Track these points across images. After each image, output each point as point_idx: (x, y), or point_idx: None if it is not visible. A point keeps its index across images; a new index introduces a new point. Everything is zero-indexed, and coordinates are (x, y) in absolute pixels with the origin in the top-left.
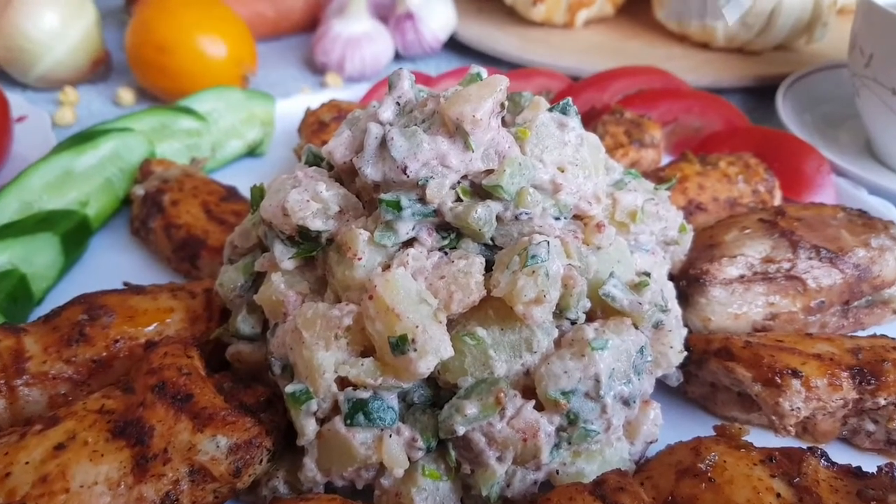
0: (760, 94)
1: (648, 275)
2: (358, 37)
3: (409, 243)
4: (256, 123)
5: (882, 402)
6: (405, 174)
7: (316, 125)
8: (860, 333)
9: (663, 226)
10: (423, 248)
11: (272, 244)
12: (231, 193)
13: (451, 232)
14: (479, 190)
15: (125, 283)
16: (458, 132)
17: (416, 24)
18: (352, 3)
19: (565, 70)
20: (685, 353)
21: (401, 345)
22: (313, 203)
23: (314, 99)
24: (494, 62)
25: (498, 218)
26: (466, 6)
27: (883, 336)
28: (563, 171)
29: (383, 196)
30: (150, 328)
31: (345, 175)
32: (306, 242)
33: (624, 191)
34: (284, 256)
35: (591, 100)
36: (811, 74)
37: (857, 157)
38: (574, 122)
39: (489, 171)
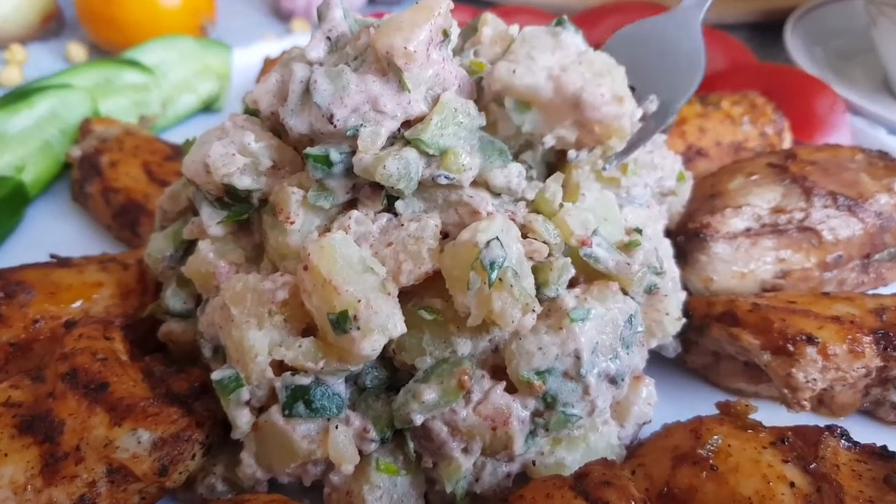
0: (767, 30)
1: (640, 232)
2: None
3: (353, 204)
4: (211, 76)
5: None
6: (331, 123)
7: None
8: (882, 290)
9: (659, 175)
10: (369, 209)
11: (200, 207)
12: (178, 152)
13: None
14: None
15: (52, 256)
16: (391, 69)
17: None
18: None
19: (553, 7)
20: (683, 320)
21: (342, 322)
22: (240, 157)
23: (275, 46)
24: (476, 2)
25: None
26: None
27: None
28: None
29: (309, 150)
30: (75, 305)
31: (279, 125)
32: (237, 204)
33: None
34: (212, 221)
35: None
36: (822, 6)
37: (874, 94)
38: (573, 37)
39: None
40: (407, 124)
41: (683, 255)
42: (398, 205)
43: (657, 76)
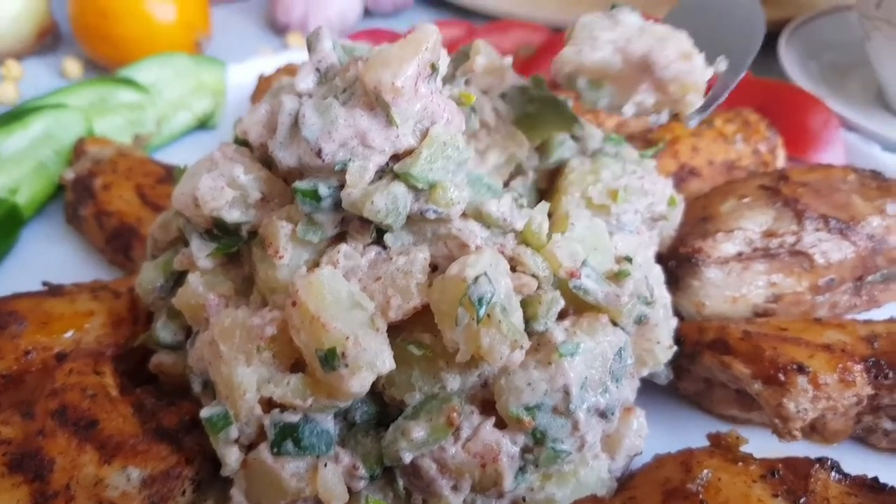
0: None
1: (630, 260)
2: None
3: (342, 237)
4: (206, 93)
5: None
6: (320, 157)
7: None
8: (876, 312)
9: (649, 201)
10: (358, 242)
11: (190, 238)
12: (171, 173)
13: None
14: None
15: (44, 283)
16: (378, 104)
17: None
18: None
19: (546, 21)
20: (674, 349)
21: (330, 359)
22: (229, 190)
23: (270, 63)
24: (470, 14)
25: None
26: None
27: None
28: None
29: (297, 185)
30: (67, 336)
31: (269, 156)
32: (226, 236)
33: (603, 166)
34: (202, 253)
35: None
36: (816, 19)
37: (868, 108)
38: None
39: None
40: (396, 157)
41: (675, 280)
42: (387, 238)
43: (721, 40)
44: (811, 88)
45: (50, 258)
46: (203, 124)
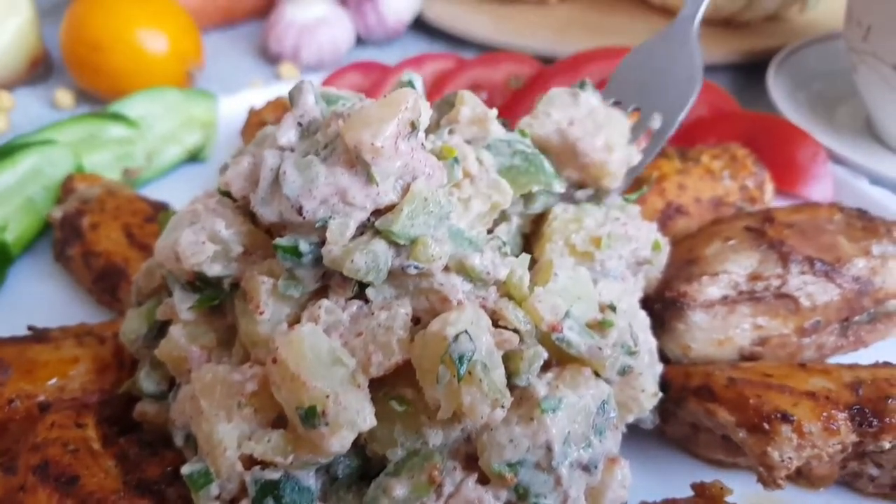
0: (750, 71)
1: (614, 309)
2: (314, 22)
3: (324, 290)
4: (196, 126)
5: (887, 445)
6: (301, 215)
7: (259, 127)
8: (863, 352)
9: (633, 247)
10: (340, 296)
11: (172, 288)
12: (161, 211)
13: None
14: None
15: (29, 328)
16: (359, 162)
17: (376, 7)
18: None
19: (541, 50)
20: (659, 396)
21: (310, 417)
22: (210, 245)
23: (261, 95)
24: (464, 44)
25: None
26: None
27: (886, 364)
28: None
29: (278, 241)
30: (51, 383)
31: (251, 208)
32: (208, 288)
33: (586, 213)
34: (184, 305)
35: (564, 86)
36: (805, 48)
37: (857, 138)
38: (589, 96)
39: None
40: (377, 212)
41: (661, 323)
42: (369, 291)
43: (660, 93)
44: (800, 120)
45: (38, 296)
46: (194, 157)
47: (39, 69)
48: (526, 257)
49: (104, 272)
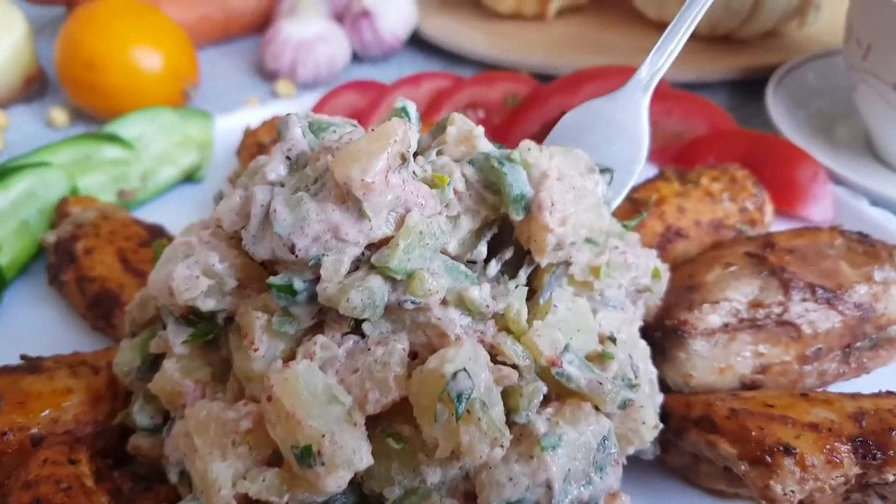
0: (749, 88)
1: (614, 340)
2: (310, 39)
3: (320, 325)
4: (192, 147)
5: (891, 478)
6: (293, 253)
7: (255, 148)
8: (865, 378)
9: (633, 275)
10: (336, 331)
11: (166, 321)
12: (156, 234)
13: None
14: None
15: (22, 357)
16: (350, 198)
17: (373, 23)
18: (302, 2)
19: (538, 67)
20: (660, 427)
21: (305, 456)
22: (204, 279)
23: (258, 114)
24: (460, 61)
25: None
26: None
27: (889, 394)
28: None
29: (272, 280)
30: (44, 415)
31: None
32: (202, 322)
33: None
34: (177, 339)
35: (562, 105)
36: (803, 65)
37: (857, 158)
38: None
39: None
40: (372, 245)
41: (661, 351)
42: (365, 326)
43: (605, 157)
44: (799, 139)
45: (32, 321)
46: (190, 178)
47: (34, 87)
48: (523, 290)
49: (98, 298)
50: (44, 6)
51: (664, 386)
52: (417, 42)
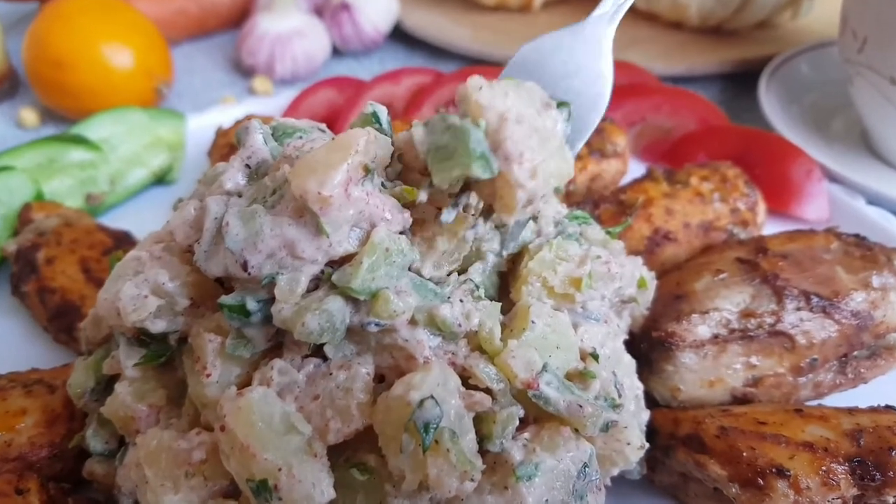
0: (742, 81)
1: (597, 357)
2: (287, 33)
3: (278, 347)
4: (163, 147)
5: (890, 500)
6: (246, 270)
7: (227, 149)
8: (862, 387)
9: (617, 286)
10: (295, 354)
11: (118, 341)
12: (120, 242)
13: None
14: None
15: None
16: (307, 212)
17: (353, 16)
18: None
19: None
20: (646, 447)
21: (261, 490)
22: (153, 299)
23: (232, 113)
24: (444, 54)
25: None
26: None
27: (888, 409)
28: None
29: (223, 300)
30: None
31: None
32: (155, 343)
33: (564, 251)
34: (129, 361)
35: None
36: (797, 57)
37: (852, 153)
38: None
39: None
40: (333, 261)
41: (648, 363)
42: (327, 349)
43: (565, 94)
44: (793, 135)
45: None
46: (161, 179)
47: (4, 86)
48: (496, 306)
49: (59, 310)
50: (15, 2)
51: (651, 400)
52: (400, 35)
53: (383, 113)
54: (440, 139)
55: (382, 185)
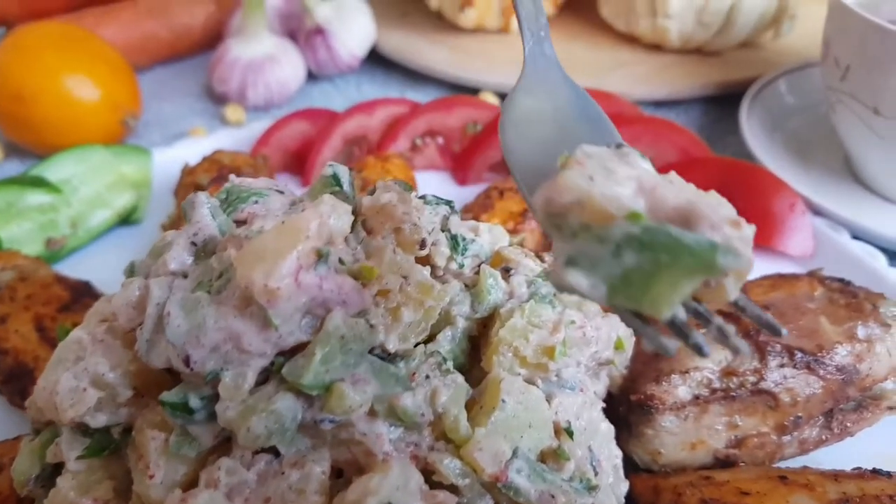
0: (724, 103)
1: (571, 434)
2: (260, 59)
3: (227, 442)
4: (127, 186)
5: None
6: (188, 365)
7: (192, 188)
8: (849, 440)
9: (593, 350)
10: (245, 451)
11: (60, 430)
12: (79, 295)
13: None
14: None
15: None
16: (254, 303)
17: (327, 41)
18: (248, 21)
19: (503, 85)
20: None
21: None
22: (92, 392)
23: (200, 147)
24: (421, 78)
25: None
26: (388, 11)
27: (875, 473)
28: None
29: (164, 396)
30: None
31: None
32: (99, 433)
33: (536, 316)
34: (72, 454)
35: None
36: (779, 79)
37: (836, 181)
38: (641, 160)
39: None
40: (284, 352)
41: (627, 427)
42: (278, 445)
43: (583, 137)
44: (775, 165)
45: None
46: (126, 220)
47: None
48: (463, 389)
49: (12, 373)
50: None
51: (631, 463)
52: (377, 58)
53: (344, 174)
54: (612, 270)
55: (340, 260)
